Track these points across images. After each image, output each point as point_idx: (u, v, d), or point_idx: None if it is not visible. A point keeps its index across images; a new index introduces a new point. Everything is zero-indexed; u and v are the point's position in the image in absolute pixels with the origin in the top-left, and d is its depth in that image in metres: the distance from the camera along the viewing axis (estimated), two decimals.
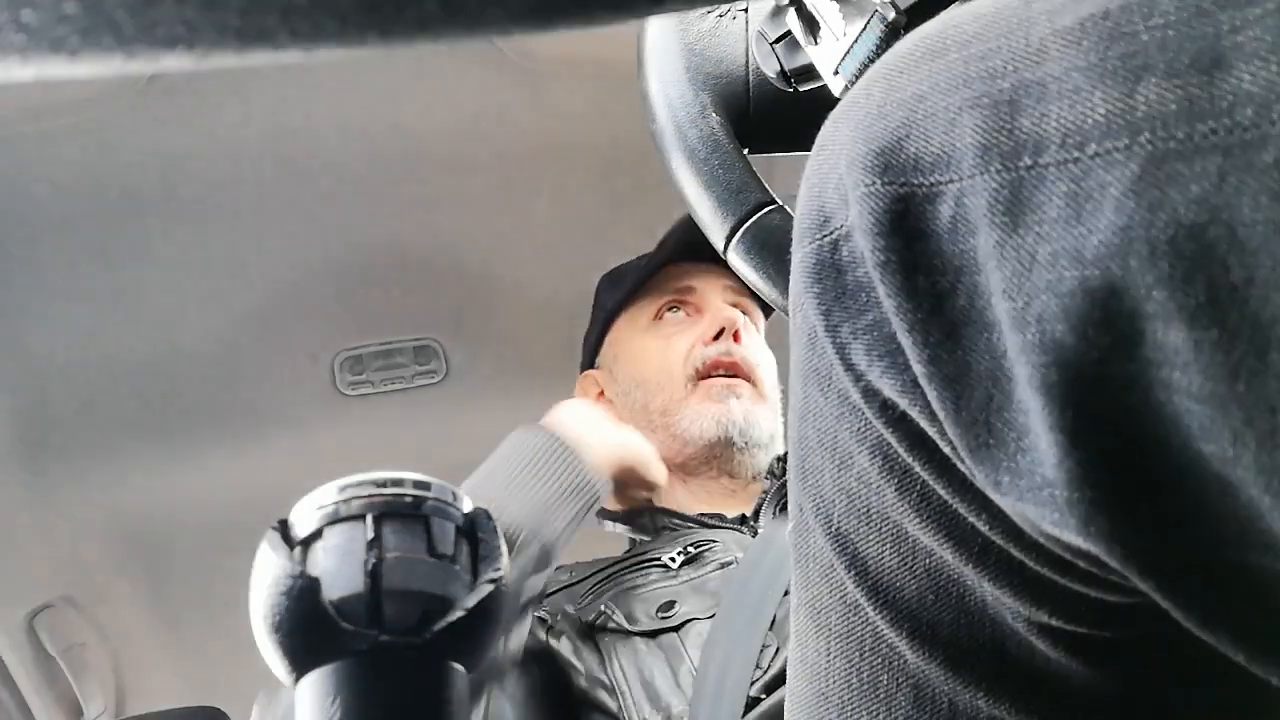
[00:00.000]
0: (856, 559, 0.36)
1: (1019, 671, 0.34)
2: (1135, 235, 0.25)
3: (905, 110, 0.32)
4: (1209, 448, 0.25)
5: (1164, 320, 0.25)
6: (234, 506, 1.48)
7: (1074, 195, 0.27)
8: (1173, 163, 0.25)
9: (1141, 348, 0.26)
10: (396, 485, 0.40)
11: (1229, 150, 0.24)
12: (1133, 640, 0.32)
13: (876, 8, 0.49)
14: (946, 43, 0.32)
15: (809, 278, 0.35)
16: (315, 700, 0.37)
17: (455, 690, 0.39)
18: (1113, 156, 0.26)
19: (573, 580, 1.08)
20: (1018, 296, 0.28)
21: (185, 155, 1.33)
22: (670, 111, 0.66)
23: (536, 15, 0.18)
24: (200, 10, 0.18)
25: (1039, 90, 0.28)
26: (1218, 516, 0.26)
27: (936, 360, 0.30)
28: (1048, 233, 0.27)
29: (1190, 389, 0.25)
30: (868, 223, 0.32)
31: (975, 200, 0.29)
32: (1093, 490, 0.27)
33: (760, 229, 0.64)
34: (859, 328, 0.33)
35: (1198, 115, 0.24)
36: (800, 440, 0.38)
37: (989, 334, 0.29)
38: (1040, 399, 0.28)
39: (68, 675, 1.43)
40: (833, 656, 0.38)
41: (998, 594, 0.33)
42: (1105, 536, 0.27)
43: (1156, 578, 0.28)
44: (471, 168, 1.43)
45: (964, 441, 0.30)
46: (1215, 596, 0.27)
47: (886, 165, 0.31)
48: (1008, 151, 0.28)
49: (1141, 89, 0.26)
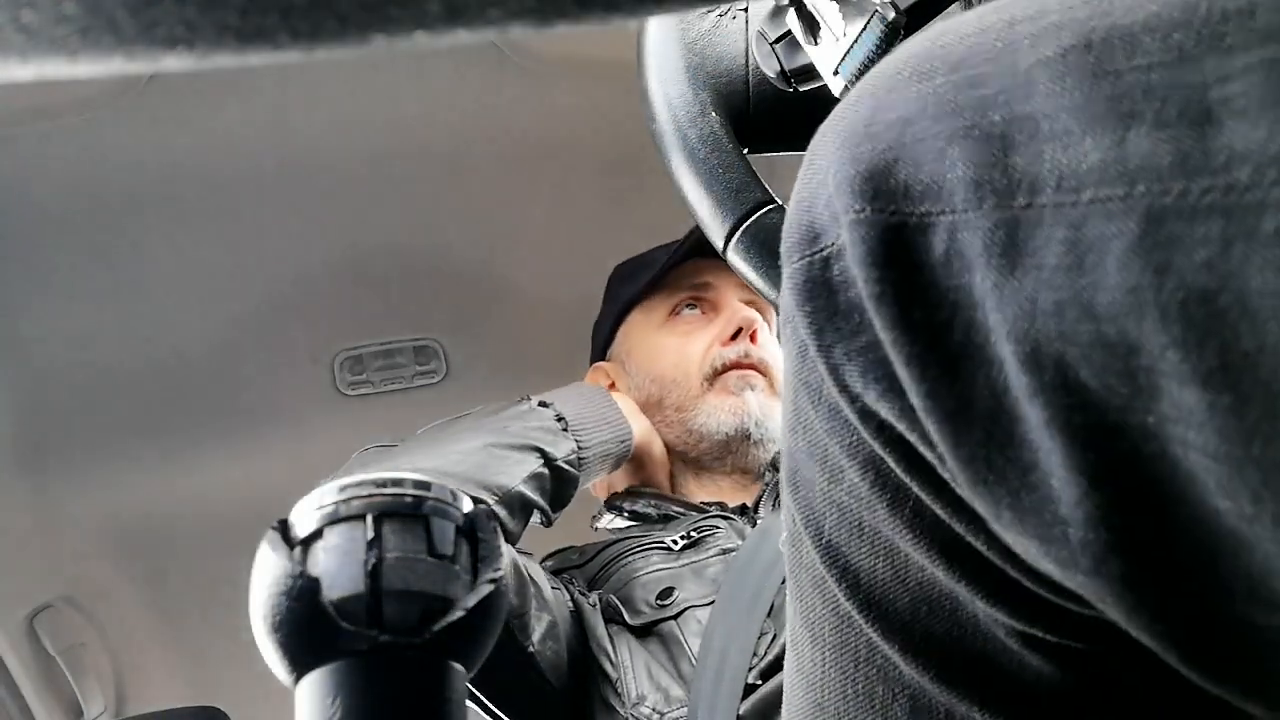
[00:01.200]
0: (848, 572, 0.36)
1: (1012, 685, 0.33)
2: (1145, 299, 0.25)
3: (894, 132, 0.32)
4: (1225, 504, 0.25)
5: (1178, 381, 0.25)
6: (234, 506, 1.48)
7: (1074, 243, 0.27)
8: (1173, 222, 0.25)
9: (1161, 403, 0.26)
10: (396, 485, 0.40)
11: (1229, 213, 0.24)
12: (1126, 655, 0.32)
13: (876, 8, 0.49)
14: (934, 65, 0.32)
15: (800, 295, 0.35)
16: (315, 700, 0.37)
17: (455, 690, 0.39)
18: (1110, 206, 0.26)
19: (583, 560, 1.10)
20: (1024, 341, 0.28)
21: (185, 155, 1.33)
22: (670, 110, 0.66)
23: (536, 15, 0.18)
24: (200, 10, 0.18)
25: (1031, 127, 0.28)
26: (1230, 571, 0.26)
27: (935, 395, 0.30)
28: (1049, 280, 0.27)
29: (1205, 448, 0.25)
30: (860, 251, 0.32)
31: (969, 236, 0.29)
32: (1109, 533, 0.27)
33: (760, 228, 0.64)
34: (853, 349, 0.33)
35: (1193, 171, 0.24)
36: (791, 452, 0.38)
37: (988, 370, 0.29)
38: (1060, 440, 0.27)
39: (68, 675, 1.43)
40: (828, 667, 0.38)
41: (990, 609, 0.33)
42: (1117, 580, 0.27)
43: (1162, 626, 0.28)
44: (471, 168, 1.43)
45: (964, 474, 0.30)
46: (1220, 652, 0.27)
47: (876, 191, 0.31)
48: (1001, 189, 0.28)
49: (1132, 137, 0.26)
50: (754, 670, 0.84)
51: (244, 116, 1.32)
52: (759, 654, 0.85)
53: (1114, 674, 0.33)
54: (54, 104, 1.22)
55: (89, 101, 1.23)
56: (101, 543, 1.53)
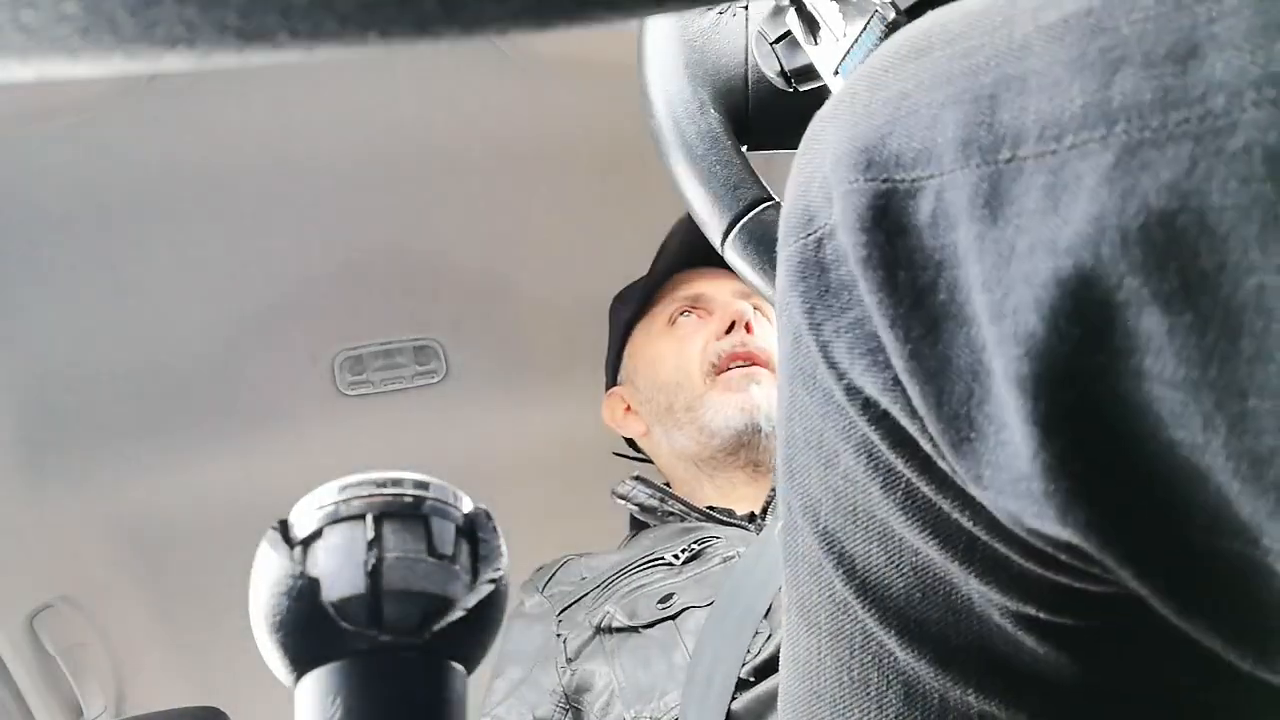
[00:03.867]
0: (844, 557, 0.36)
1: (1007, 667, 0.34)
2: (1107, 224, 0.25)
3: (889, 108, 0.32)
4: (1179, 434, 0.25)
5: (1136, 307, 0.25)
6: (234, 506, 1.48)
7: (1051, 187, 0.27)
8: (1146, 151, 0.25)
9: (1111, 338, 0.26)
10: (396, 485, 0.40)
11: (1200, 138, 0.24)
12: (1119, 632, 0.32)
13: (876, 8, 0.49)
14: (931, 41, 0.32)
15: (793, 276, 0.35)
16: (315, 700, 0.37)
17: (455, 690, 0.39)
18: (1088, 147, 0.26)
19: (584, 592, 1.10)
20: (996, 289, 0.28)
21: (185, 155, 1.33)
22: (669, 107, 0.66)
23: (536, 15, 0.18)
24: (200, 10, 0.18)
25: (1019, 84, 0.28)
26: (1190, 503, 0.26)
27: (917, 355, 0.30)
28: (1026, 225, 0.27)
29: (1163, 375, 0.25)
30: (850, 219, 0.32)
31: (956, 194, 0.29)
32: (1068, 481, 0.27)
33: (757, 225, 0.63)
34: (841, 326, 0.33)
35: (1171, 104, 0.24)
36: (788, 439, 0.38)
37: (969, 328, 0.29)
38: (1014, 391, 0.28)
39: (68, 675, 1.42)
40: (823, 655, 0.38)
41: (984, 590, 0.33)
42: (1082, 526, 0.28)
43: (1134, 565, 0.28)
44: (471, 168, 1.43)
45: (945, 437, 0.30)
46: (1190, 583, 0.28)
47: (869, 162, 0.31)
48: (987, 145, 0.28)
49: (1118, 80, 0.26)
50: (747, 666, 0.84)
51: (244, 117, 1.31)
52: (753, 651, 0.86)
53: (1108, 653, 0.33)
54: (54, 104, 1.22)
55: (89, 102, 1.23)
56: (101, 543, 1.53)
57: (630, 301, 1.33)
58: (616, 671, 0.97)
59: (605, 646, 1.00)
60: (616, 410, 1.32)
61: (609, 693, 0.97)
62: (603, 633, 1.01)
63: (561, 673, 1.02)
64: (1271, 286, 0.23)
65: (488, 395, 1.60)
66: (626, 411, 1.30)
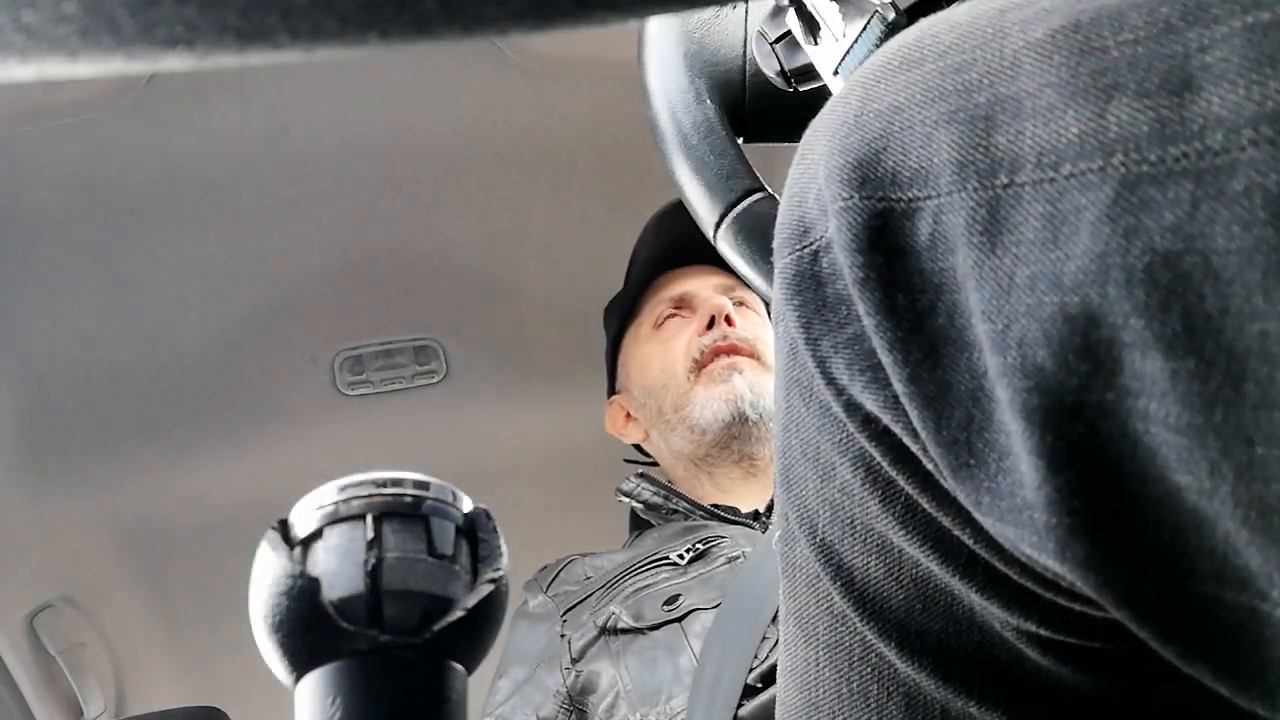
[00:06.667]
0: (842, 569, 0.36)
1: (1009, 679, 0.33)
2: (1112, 263, 0.25)
3: (882, 122, 0.31)
4: (1185, 479, 0.25)
5: (1141, 349, 0.25)
6: (234, 506, 1.48)
7: (1050, 217, 0.26)
8: (1146, 187, 0.24)
9: (1120, 376, 0.25)
10: (396, 485, 0.40)
11: (1200, 176, 0.24)
12: (1123, 649, 0.32)
13: (876, 8, 0.49)
14: (924, 53, 0.32)
15: (789, 289, 0.35)
16: (315, 700, 0.37)
17: (455, 690, 0.39)
18: (1087, 178, 0.26)
19: (588, 592, 1.10)
20: (997, 319, 0.28)
21: (185, 155, 1.33)
22: (665, 96, 0.66)
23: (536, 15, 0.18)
24: (200, 10, 0.17)
25: (1014, 106, 0.28)
26: (1194, 550, 0.26)
27: (917, 379, 0.30)
28: (1025, 255, 0.27)
29: (1167, 420, 0.25)
30: (846, 238, 0.31)
31: (953, 218, 0.29)
32: (1070, 516, 0.27)
33: (749, 215, 0.63)
34: (839, 341, 0.33)
35: (1169, 138, 0.24)
36: (784, 450, 0.38)
37: (969, 354, 0.29)
38: (1021, 422, 0.27)
39: (68, 675, 1.42)
40: (821, 666, 0.37)
41: (985, 604, 0.33)
42: (1081, 564, 0.27)
43: (1131, 608, 0.27)
44: (471, 168, 1.43)
45: (945, 461, 0.30)
46: (1192, 633, 0.27)
47: (864, 179, 0.31)
48: (984, 169, 0.28)
49: (1113, 109, 0.25)
50: (754, 672, 0.84)
51: (244, 117, 1.31)
52: (760, 657, 0.85)
53: (1114, 667, 0.32)
54: (54, 104, 1.22)
55: (89, 102, 1.23)
56: (101, 543, 1.53)
57: (617, 310, 1.34)
58: (622, 673, 0.96)
59: (610, 648, 1.00)
60: (618, 419, 1.33)
61: (614, 695, 0.96)
62: (608, 634, 1.01)
63: (566, 673, 1.02)
64: (1276, 333, 0.23)
65: (488, 395, 1.60)
66: (627, 419, 1.32)
